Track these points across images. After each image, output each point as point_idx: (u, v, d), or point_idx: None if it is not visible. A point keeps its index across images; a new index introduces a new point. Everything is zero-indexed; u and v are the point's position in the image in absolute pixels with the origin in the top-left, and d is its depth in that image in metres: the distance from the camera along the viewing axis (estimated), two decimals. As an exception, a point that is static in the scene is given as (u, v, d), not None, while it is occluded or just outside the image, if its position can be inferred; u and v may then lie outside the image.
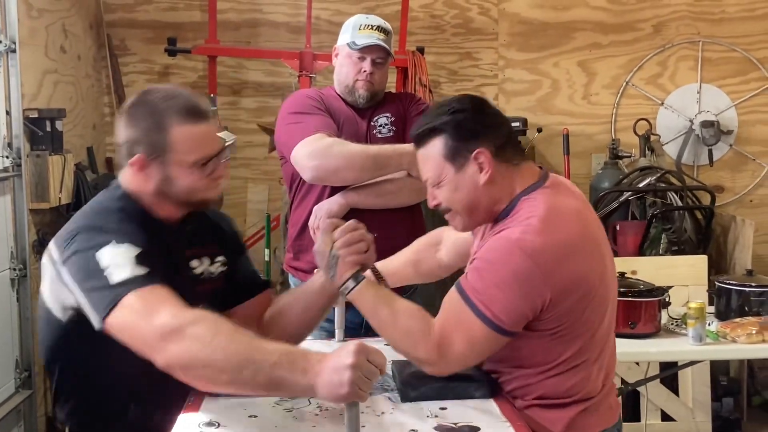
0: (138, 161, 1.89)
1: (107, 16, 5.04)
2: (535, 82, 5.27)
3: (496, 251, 1.84)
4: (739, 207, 5.24)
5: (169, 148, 1.87)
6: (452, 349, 1.83)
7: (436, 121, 1.95)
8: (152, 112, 1.88)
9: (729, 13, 5.23)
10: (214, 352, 1.61)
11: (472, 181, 1.93)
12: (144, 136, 1.88)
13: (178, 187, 1.90)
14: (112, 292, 1.71)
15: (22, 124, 3.75)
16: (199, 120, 1.89)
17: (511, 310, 1.81)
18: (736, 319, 3.18)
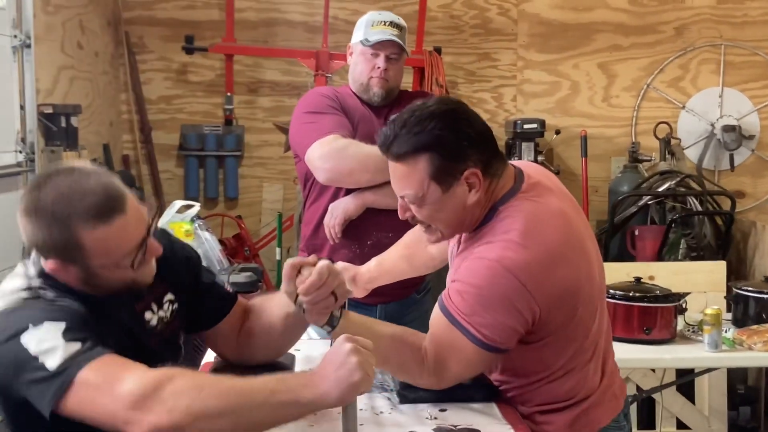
0: (54, 266, 1.63)
1: (125, 14, 5.05)
2: (555, 84, 5.22)
3: (479, 275, 1.76)
4: (760, 213, 5.17)
5: (84, 254, 1.60)
6: (448, 373, 1.80)
7: (424, 138, 1.79)
8: (53, 218, 1.58)
9: (752, 16, 5.16)
10: (206, 401, 1.45)
11: (459, 201, 1.82)
12: (51, 243, 1.60)
13: (106, 282, 1.67)
14: (55, 379, 1.48)
15: (36, 119, 3.76)
16: (111, 217, 1.60)
17: (502, 330, 1.75)
18: (753, 327, 3.12)
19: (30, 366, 1.50)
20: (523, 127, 4.79)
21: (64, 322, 1.53)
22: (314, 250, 2.98)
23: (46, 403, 1.49)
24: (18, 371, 1.52)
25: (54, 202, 1.58)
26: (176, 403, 1.44)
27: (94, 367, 1.49)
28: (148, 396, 1.44)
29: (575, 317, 1.82)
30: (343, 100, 2.94)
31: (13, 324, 1.55)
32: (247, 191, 5.18)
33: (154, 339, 1.79)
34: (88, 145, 4.32)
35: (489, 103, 5.23)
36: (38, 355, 1.50)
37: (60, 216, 1.57)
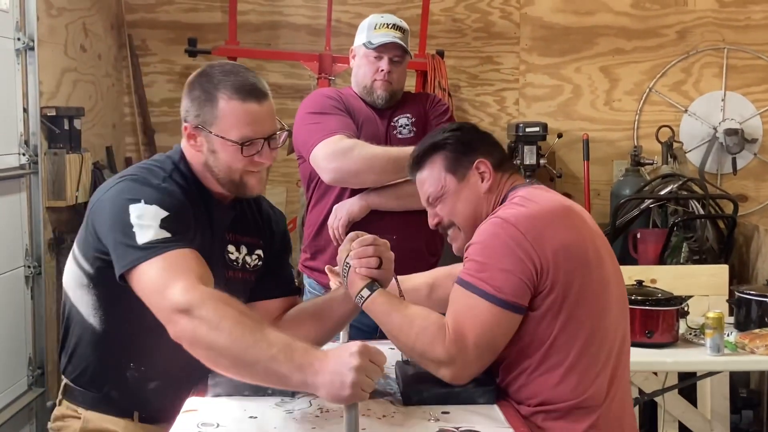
0: (188, 130, 1.93)
1: (128, 16, 5.06)
2: (557, 87, 5.22)
3: (482, 233, 1.91)
4: (762, 217, 5.16)
5: (214, 121, 1.88)
6: (467, 340, 1.83)
7: (436, 139, 2.09)
8: (207, 83, 1.91)
9: (755, 20, 5.16)
10: (218, 337, 1.63)
11: (474, 190, 2.04)
12: (194, 106, 1.91)
13: (219, 163, 1.91)
14: (134, 252, 1.74)
15: (39, 121, 3.76)
16: (250, 99, 1.88)
17: (509, 279, 1.83)
18: (756, 330, 3.12)
19: (124, 229, 1.78)
20: (525, 130, 4.79)
21: (167, 212, 1.79)
22: (317, 251, 2.99)
23: (120, 265, 1.77)
24: (114, 225, 1.80)
25: (216, 73, 1.91)
26: (199, 326, 1.65)
27: (164, 259, 1.73)
28: (183, 310, 1.66)
29: (580, 287, 1.86)
30: (347, 100, 2.94)
31: (133, 191, 1.83)
32: (249, 194, 5.17)
33: (231, 271, 2.03)
34: (91, 147, 4.33)
35: (491, 106, 5.23)
36: (134, 225, 1.77)
37: (214, 81, 1.89)
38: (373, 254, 1.94)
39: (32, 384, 3.77)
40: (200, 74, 1.95)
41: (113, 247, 1.80)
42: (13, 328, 3.64)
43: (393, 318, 1.90)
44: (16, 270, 3.66)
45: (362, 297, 1.93)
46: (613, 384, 1.95)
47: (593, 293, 1.91)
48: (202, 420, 1.74)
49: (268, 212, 2.16)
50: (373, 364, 1.56)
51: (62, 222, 4.02)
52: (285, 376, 1.60)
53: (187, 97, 1.94)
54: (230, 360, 1.64)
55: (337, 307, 2.07)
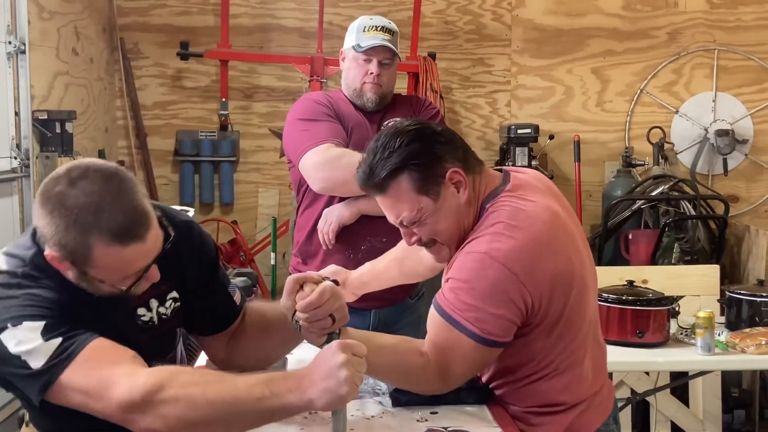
0: (53, 258, 1.61)
1: (120, 20, 5.06)
2: (548, 89, 5.24)
3: (468, 269, 1.78)
4: (754, 217, 5.19)
5: (88, 264, 1.59)
6: (453, 373, 1.80)
7: (394, 159, 1.83)
8: (75, 222, 1.55)
9: (745, 21, 5.18)
10: (196, 411, 1.51)
11: (452, 204, 1.85)
12: (61, 243, 1.58)
13: (97, 289, 1.65)
14: (39, 379, 1.54)
15: (30, 125, 3.76)
16: (131, 241, 1.57)
17: (498, 322, 1.76)
18: (746, 330, 3.13)
19: (13, 363, 1.55)
20: (517, 132, 4.81)
21: (43, 321, 1.56)
22: (308, 256, 2.98)
23: (34, 397, 1.56)
24: (2, 364, 1.57)
25: (81, 208, 1.55)
26: (168, 412, 1.50)
27: (78, 364, 1.53)
28: (138, 405, 1.50)
29: (567, 307, 1.82)
30: (336, 105, 2.94)
31: None
32: (242, 197, 5.18)
33: (146, 334, 1.78)
34: (83, 150, 4.32)
35: (483, 108, 5.24)
36: (20, 355, 1.54)
37: (82, 223, 1.55)
38: (323, 316, 1.69)
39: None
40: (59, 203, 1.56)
41: (15, 384, 1.59)
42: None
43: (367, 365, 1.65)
44: (8, 273, 3.66)
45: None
46: (595, 370, 1.96)
47: (576, 306, 1.87)
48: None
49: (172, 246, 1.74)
50: (356, 357, 1.54)
51: (54, 225, 4.01)
52: (280, 408, 1.53)
53: (45, 221, 1.58)
54: (219, 425, 1.53)
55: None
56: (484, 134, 5.23)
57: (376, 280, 2.33)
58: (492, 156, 5.14)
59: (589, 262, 1.96)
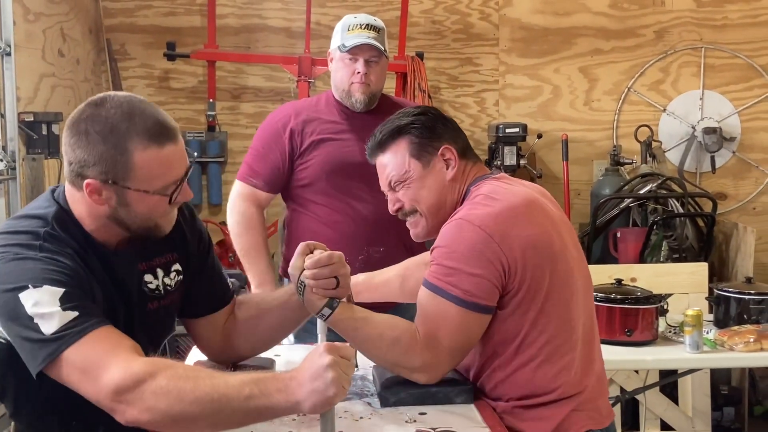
0: (90, 186, 1.66)
1: (107, 21, 5.04)
2: (536, 88, 5.24)
3: (446, 235, 1.89)
4: (741, 215, 5.20)
5: (130, 175, 1.64)
6: (440, 344, 1.83)
7: (401, 122, 2.02)
8: (110, 132, 1.62)
9: (731, 19, 5.20)
10: (183, 405, 1.51)
11: (439, 177, 2.00)
12: (100, 159, 1.63)
13: (133, 214, 1.70)
14: (46, 346, 1.54)
15: (17, 127, 3.74)
16: (166, 141, 1.66)
17: (478, 281, 1.82)
18: (734, 327, 3.13)
19: (25, 323, 1.56)
20: (505, 131, 4.81)
21: (62, 288, 1.57)
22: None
23: (34, 365, 1.56)
24: (12, 322, 1.58)
25: (115, 116, 1.62)
26: (156, 403, 1.50)
27: (85, 343, 1.54)
28: (129, 390, 1.51)
29: (546, 282, 1.86)
30: (304, 119, 2.92)
31: (14, 277, 1.59)
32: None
33: (152, 303, 1.83)
34: (69, 152, 4.30)
35: (472, 107, 5.24)
36: (34, 316, 1.55)
37: (119, 130, 1.62)
38: (329, 275, 1.80)
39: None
40: (94, 119, 1.64)
41: (19, 345, 1.59)
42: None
43: (360, 333, 1.86)
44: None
45: (323, 315, 1.84)
46: (588, 369, 1.96)
47: (560, 284, 1.91)
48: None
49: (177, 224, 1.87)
50: (344, 359, 1.53)
51: (41, 228, 3.99)
52: (267, 408, 1.53)
53: (83, 148, 1.64)
54: (206, 421, 1.52)
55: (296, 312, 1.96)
56: (472, 134, 5.23)
57: (370, 291, 2.32)
58: (480, 155, 5.05)
59: (583, 265, 2.01)
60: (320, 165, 2.88)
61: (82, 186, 1.67)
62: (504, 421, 1.86)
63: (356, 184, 2.87)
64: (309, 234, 2.91)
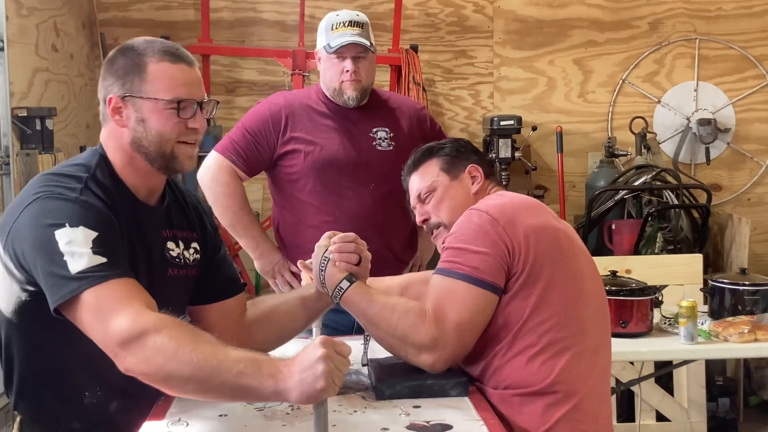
0: (113, 103, 1.79)
1: (101, 15, 5.03)
2: (531, 80, 5.24)
3: (457, 224, 2.01)
4: (736, 206, 5.21)
5: (143, 85, 1.77)
6: (447, 320, 1.87)
7: (434, 146, 2.26)
8: (130, 52, 1.80)
9: (725, 10, 5.20)
10: (179, 364, 1.55)
11: (464, 190, 2.18)
12: (118, 76, 1.79)
13: (149, 133, 1.78)
14: (69, 283, 1.61)
15: (10, 122, 3.74)
16: (179, 61, 1.80)
17: (484, 258, 1.90)
18: (729, 318, 3.14)
19: (54, 258, 1.63)
20: (500, 123, 4.80)
21: (96, 232, 1.66)
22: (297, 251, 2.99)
23: (53, 299, 1.63)
24: (42, 254, 1.65)
25: (138, 42, 1.82)
26: (154, 357, 1.56)
27: (104, 288, 1.61)
28: (132, 340, 1.56)
29: (548, 266, 1.92)
30: (294, 110, 2.92)
31: (52, 213, 1.67)
32: (225, 191, 5.15)
33: (173, 270, 1.91)
34: (64, 147, 4.30)
35: (466, 100, 5.24)
36: (64, 253, 1.62)
37: (138, 48, 1.80)
38: (354, 250, 1.97)
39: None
40: (120, 49, 1.84)
41: (44, 278, 1.66)
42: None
43: (372, 306, 1.93)
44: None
45: (341, 289, 1.94)
46: (592, 377, 1.96)
47: (566, 279, 1.95)
48: (171, 419, 1.73)
49: (197, 206, 2.05)
50: (338, 355, 1.54)
51: (36, 223, 3.99)
52: (255, 389, 1.55)
53: (108, 72, 1.82)
54: (195, 384, 1.57)
55: (311, 305, 2.05)
56: (467, 126, 5.23)
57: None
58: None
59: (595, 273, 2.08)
60: (309, 161, 2.88)
61: (106, 115, 1.81)
62: (498, 410, 1.87)
63: (345, 181, 2.88)
64: (295, 234, 2.92)
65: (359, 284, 1.96)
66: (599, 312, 2.04)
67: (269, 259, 3.00)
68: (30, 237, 1.68)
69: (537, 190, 4.94)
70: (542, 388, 1.89)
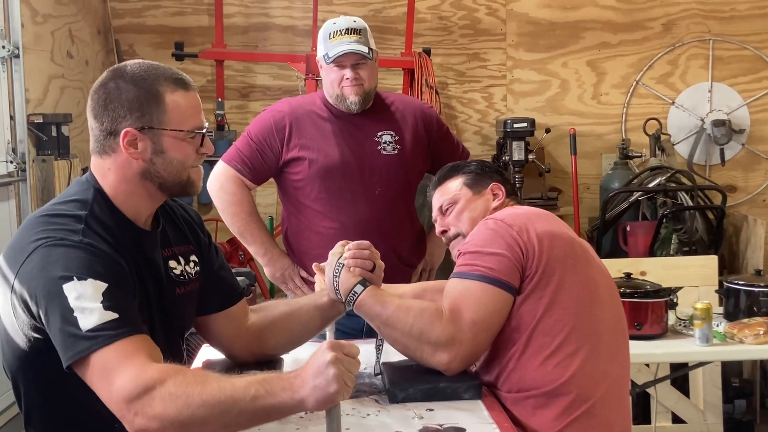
0: (128, 136, 1.73)
1: (115, 22, 5.06)
2: (544, 83, 5.24)
3: (474, 233, 2.06)
4: (752, 207, 5.19)
5: (164, 117, 1.74)
6: (463, 318, 1.90)
7: (460, 164, 2.35)
8: (141, 79, 1.74)
9: (739, 11, 5.18)
10: (192, 409, 1.52)
11: (484, 204, 2.24)
12: (134, 105, 1.72)
13: (168, 162, 1.77)
14: (80, 342, 1.56)
15: (26, 129, 3.77)
16: (190, 88, 1.79)
17: (498, 259, 1.94)
18: (744, 320, 3.12)
19: (65, 315, 1.58)
20: (513, 126, 4.81)
21: (106, 284, 1.60)
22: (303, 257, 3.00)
23: (65, 357, 1.58)
24: (53, 310, 1.59)
25: (140, 69, 1.76)
26: (164, 410, 1.51)
27: (113, 349, 1.56)
28: (138, 398, 1.52)
29: (563, 272, 1.94)
30: (298, 116, 2.93)
31: (60, 265, 1.60)
32: (240, 196, 5.17)
33: (179, 288, 1.89)
34: (80, 153, 4.33)
35: (479, 103, 5.25)
36: (75, 309, 1.57)
37: (148, 76, 1.74)
38: (368, 257, 2.01)
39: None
40: (118, 78, 1.75)
41: (54, 334, 1.60)
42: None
43: (387, 308, 1.96)
44: (6, 278, 3.66)
45: (355, 293, 1.97)
46: (605, 382, 1.96)
47: (578, 282, 1.96)
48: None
49: (186, 217, 2.01)
50: (348, 356, 1.55)
51: (52, 229, 4.02)
52: (274, 407, 1.55)
53: (116, 102, 1.73)
54: (215, 424, 1.53)
55: (325, 312, 2.06)
56: (480, 129, 5.24)
57: None
58: (489, 151, 5.14)
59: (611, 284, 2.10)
60: (314, 168, 2.88)
61: (112, 147, 1.75)
62: (512, 413, 1.88)
63: (350, 187, 2.88)
64: (302, 240, 2.93)
65: (373, 288, 1.99)
66: (616, 324, 2.06)
67: (278, 266, 3.01)
68: (40, 288, 1.61)
69: (551, 193, 4.93)
70: (555, 389, 1.89)
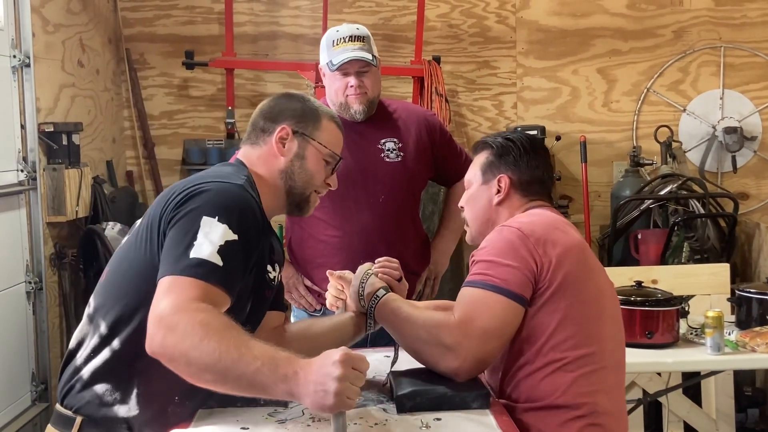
0: (283, 131, 1.99)
1: (126, 31, 5.08)
2: (554, 90, 5.23)
3: (488, 240, 2.06)
4: (764, 214, 5.16)
5: (316, 132, 2.02)
6: (474, 324, 1.91)
7: (489, 137, 2.27)
8: (307, 101, 2.07)
9: (750, 17, 5.16)
10: (201, 354, 1.58)
11: (488, 198, 2.19)
12: (296, 112, 2.02)
13: (303, 170, 2.00)
14: (179, 262, 1.69)
15: (37, 137, 3.78)
16: (341, 129, 2.10)
17: (512, 271, 1.94)
18: (756, 328, 3.11)
19: (187, 236, 1.72)
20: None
21: (236, 236, 1.74)
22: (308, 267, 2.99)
23: (162, 269, 1.71)
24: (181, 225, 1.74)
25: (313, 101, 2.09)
26: (181, 341, 1.59)
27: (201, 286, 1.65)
28: (166, 321, 1.61)
29: (576, 286, 1.96)
30: None
31: (213, 202, 1.77)
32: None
33: (268, 292, 2.00)
34: (90, 162, 4.34)
35: (490, 110, 5.24)
36: (198, 236, 1.71)
37: (313, 104, 2.07)
38: (396, 269, 2.19)
39: (36, 399, 3.80)
40: (293, 95, 2.09)
41: (167, 243, 1.74)
42: (15, 343, 3.66)
43: (402, 312, 2.02)
44: (17, 286, 3.68)
45: (377, 297, 2.07)
46: (613, 393, 1.99)
47: (591, 297, 1.99)
48: (193, 431, 1.75)
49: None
50: (355, 371, 1.56)
51: (62, 237, 4.04)
52: (269, 388, 1.59)
53: (285, 105, 2.04)
54: (212, 375, 1.60)
55: (347, 340, 2.13)
56: (490, 137, 5.22)
57: None
58: (499, 158, 5.12)
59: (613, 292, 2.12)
60: None
61: (265, 140, 2.01)
62: (521, 423, 1.88)
63: (353, 195, 2.87)
64: (305, 249, 2.93)
65: (394, 295, 2.09)
66: (617, 332, 2.08)
67: (282, 275, 3.01)
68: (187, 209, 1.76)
69: (561, 200, 4.92)
70: (564, 400, 1.90)
